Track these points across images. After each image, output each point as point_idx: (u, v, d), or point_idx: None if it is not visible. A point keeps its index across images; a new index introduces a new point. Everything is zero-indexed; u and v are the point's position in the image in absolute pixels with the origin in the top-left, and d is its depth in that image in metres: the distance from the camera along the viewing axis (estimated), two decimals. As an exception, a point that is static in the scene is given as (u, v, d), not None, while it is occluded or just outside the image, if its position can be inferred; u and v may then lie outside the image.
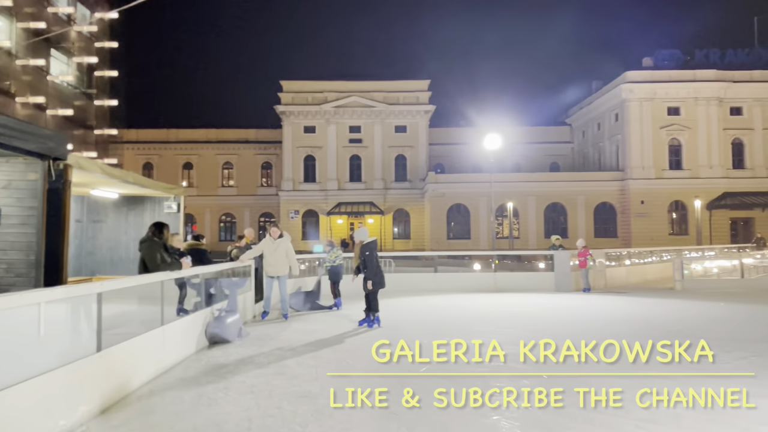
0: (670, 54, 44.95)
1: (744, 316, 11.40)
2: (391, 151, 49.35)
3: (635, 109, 43.86)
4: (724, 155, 43.62)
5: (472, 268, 20.90)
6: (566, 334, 9.02)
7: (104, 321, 5.18)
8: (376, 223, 48.27)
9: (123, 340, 5.69)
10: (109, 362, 5.27)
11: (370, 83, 49.46)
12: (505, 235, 44.55)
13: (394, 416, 4.83)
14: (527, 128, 52.77)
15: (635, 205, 43.41)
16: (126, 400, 5.38)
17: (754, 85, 43.28)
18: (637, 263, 21.72)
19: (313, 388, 5.77)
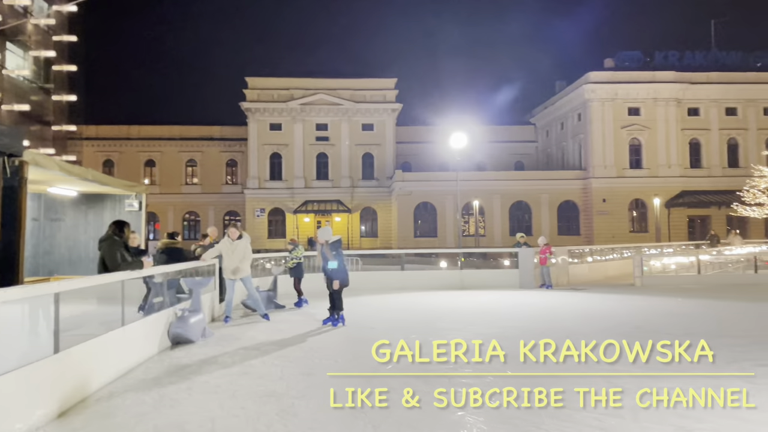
0: (631, 55, 46.08)
1: (700, 311, 11.77)
2: (359, 149, 49.29)
3: (597, 110, 44.81)
4: (682, 155, 44.94)
5: (438, 265, 21.04)
6: (531, 330, 9.18)
7: (62, 322, 5.04)
8: (343, 221, 48.16)
9: (82, 342, 5.55)
10: (67, 364, 5.13)
11: (336, 81, 49.29)
12: (471, 233, 44.99)
13: (361, 414, 4.82)
14: (492, 127, 53.39)
15: (597, 204, 44.37)
16: (85, 403, 5.25)
17: (711, 87, 44.68)
18: (599, 260, 22.21)
19: (278, 388, 5.72)
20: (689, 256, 19.72)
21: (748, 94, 44.82)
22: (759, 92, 44.79)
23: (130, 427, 4.66)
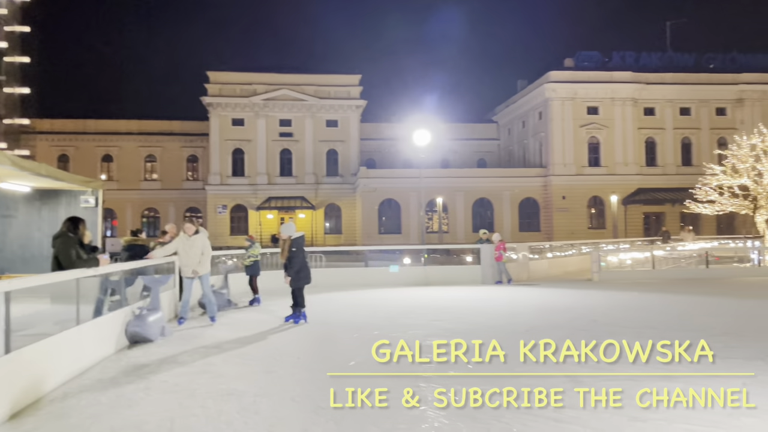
0: (590, 55, 47.10)
1: (655, 305, 12.16)
2: (323, 145, 49.04)
3: (557, 108, 45.68)
4: (639, 153, 46.22)
5: (402, 262, 21.11)
6: (494, 325, 9.32)
7: (14, 322, 4.88)
8: (307, 218, 47.89)
9: (35, 341, 5.39)
10: (18, 364, 4.98)
11: (300, 76, 48.90)
12: (435, 229, 45.33)
13: (322, 411, 4.83)
14: (456, 125, 53.84)
15: (557, 201, 45.27)
16: (38, 404, 5.10)
17: (666, 87, 46.05)
18: (558, 256, 22.67)
19: (239, 386, 5.67)
20: (644, 252, 20.31)
21: (701, 95, 46.36)
22: (711, 93, 46.39)
23: (84, 428, 4.55)
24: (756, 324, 9.56)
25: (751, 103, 46.33)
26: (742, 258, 22.06)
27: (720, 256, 22.24)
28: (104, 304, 7.75)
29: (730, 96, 46.53)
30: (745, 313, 10.92)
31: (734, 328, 8.94)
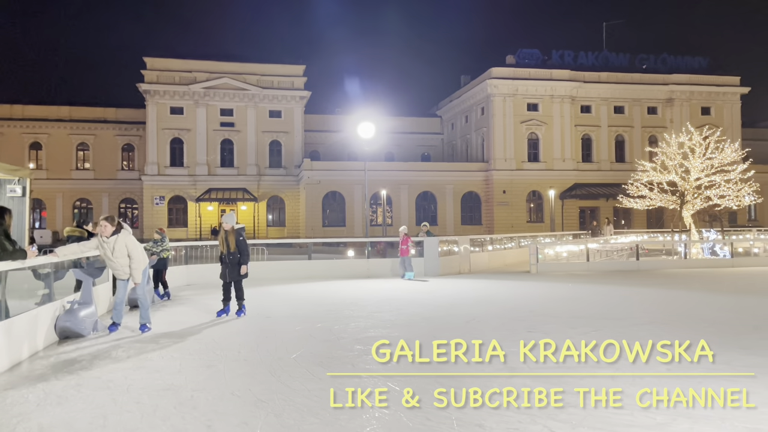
0: (531, 53, 48.27)
1: (588, 296, 12.65)
2: (266, 136, 48.25)
3: (499, 104, 46.65)
4: (575, 149, 47.85)
5: (346, 255, 21.11)
6: (435, 316, 9.46)
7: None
8: (249, 210, 47.08)
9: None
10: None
11: (243, 65, 47.85)
12: (379, 222, 45.49)
13: (262, 404, 4.77)
14: (400, 119, 54.11)
15: (498, 195, 46.32)
16: (-43, 405, 4.81)
17: (601, 86, 47.80)
18: (499, 249, 23.20)
19: (176, 381, 5.53)
20: (579, 245, 21.07)
21: (634, 94, 48.40)
22: (644, 92, 48.50)
23: (11, 427, 4.33)
24: (680, 313, 10.10)
25: (680, 103, 48.74)
26: (669, 251, 23.24)
27: (649, 249, 23.36)
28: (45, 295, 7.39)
29: (660, 96, 48.79)
30: (671, 303, 11.52)
31: (660, 317, 9.42)
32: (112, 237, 7.89)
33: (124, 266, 8.00)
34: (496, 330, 8.19)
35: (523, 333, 7.86)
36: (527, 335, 7.70)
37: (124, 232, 8.01)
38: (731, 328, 8.26)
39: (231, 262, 9.32)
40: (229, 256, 9.34)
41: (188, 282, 14.55)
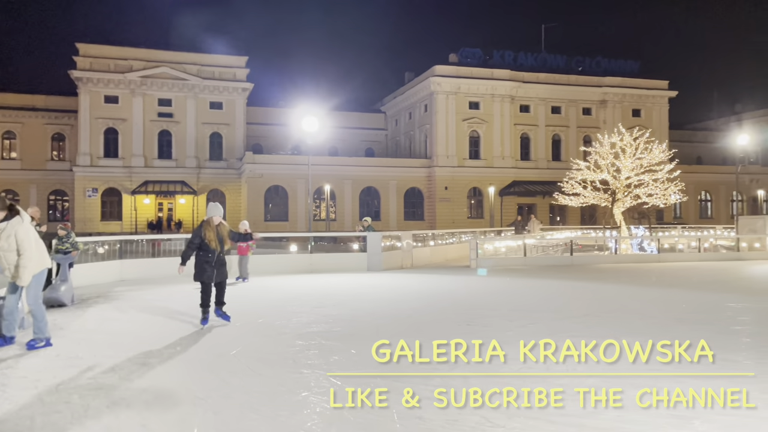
0: (473, 52, 49.14)
1: (524, 290, 13.04)
2: (206, 128, 47.06)
3: (442, 102, 47.27)
4: (514, 148, 49.12)
5: (288, 249, 20.89)
6: (377, 312, 9.52)
7: None
8: (188, 203, 45.85)
9: None
10: None
11: (182, 54, 46.46)
12: (323, 217, 45.29)
13: (200, 402, 4.68)
14: (344, 113, 53.95)
15: (440, 191, 46.99)
16: None
17: (540, 86, 49.21)
18: (440, 244, 23.53)
19: (110, 380, 5.34)
20: (517, 240, 21.64)
21: (570, 95, 50.10)
22: (579, 94, 50.28)
23: (-75, 433, 4.07)
24: (611, 306, 10.56)
25: (612, 105, 50.81)
26: (601, 246, 24.22)
27: (583, 244, 24.24)
28: None
29: (595, 97, 50.69)
30: (602, 296, 12.02)
31: (593, 310, 9.82)
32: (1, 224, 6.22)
33: (11, 263, 6.30)
34: (439, 324, 8.32)
35: (463, 326, 8.03)
36: (467, 328, 7.88)
37: (17, 219, 6.24)
38: (657, 320, 8.70)
39: (219, 262, 8.18)
40: (219, 255, 8.16)
41: (121, 278, 14.06)
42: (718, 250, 23.36)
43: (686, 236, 27.27)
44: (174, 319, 8.66)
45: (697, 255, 22.04)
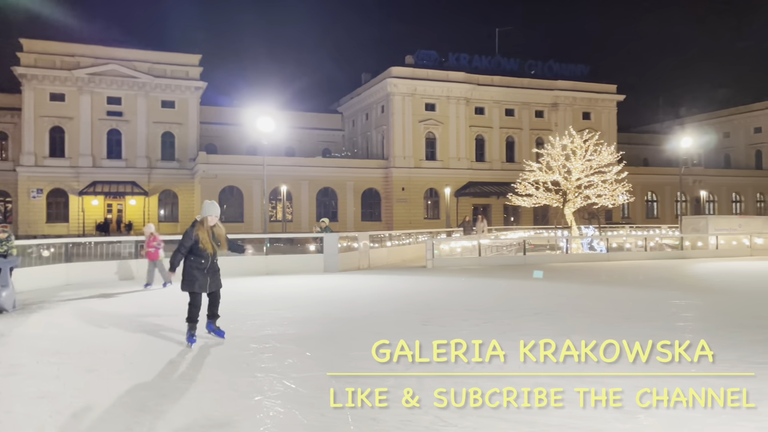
0: (428, 54, 49.57)
1: (479, 289, 13.24)
2: (158, 127, 45.92)
3: (398, 103, 47.52)
4: (470, 149, 49.79)
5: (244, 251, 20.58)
6: (334, 314, 9.48)
7: None
8: (139, 204, 44.65)
9: None
10: None
11: (132, 51, 45.21)
12: (279, 218, 44.83)
13: (148, 409, 4.57)
14: (301, 114, 53.60)
15: (397, 192, 47.21)
16: None
17: (494, 89, 50.04)
18: (397, 245, 23.65)
19: (54, 388, 5.15)
20: (472, 241, 21.94)
21: (524, 98, 51.12)
22: (532, 96, 51.35)
23: None
24: (562, 304, 10.82)
25: (563, 108, 52.10)
26: (553, 246, 24.81)
27: (535, 244, 24.76)
28: None
29: (547, 100, 51.87)
30: (553, 294, 12.30)
31: (544, 308, 10.05)
32: None
33: None
34: (395, 324, 8.36)
35: (418, 326, 8.09)
36: (423, 328, 7.94)
37: None
38: (605, 318, 8.97)
39: (213, 268, 7.16)
40: (214, 259, 7.18)
41: (67, 281, 13.56)
42: (664, 249, 24.26)
43: (633, 236, 28.21)
44: (122, 324, 8.42)
45: (643, 254, 22.82)
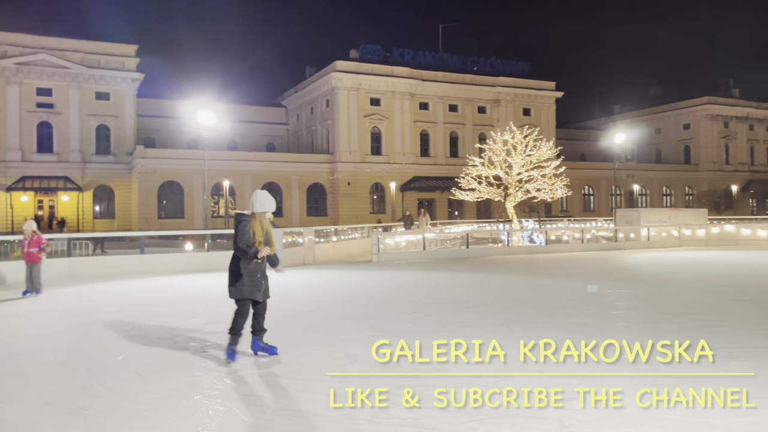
0: (373, 49, 49.65)
1: (423, 282, 13.40)
2: (92, 119, 44.08)
3: (343, 97, 47.36)
4: (414, 144, 50.22)
5: (183, 248, 20.09)
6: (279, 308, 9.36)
7: None
8: (72, 200, 42.78)
9: None
10: None
11: (63, 41, 43.17)
12: (222, 214, 43.94)
13: (80, 412, 4.41)
14: (244, 107, 52.64)
15: (343, 187, 47.11)
16: None
17: (438, 85, 50.61)
18: (343, 239, 23.62)
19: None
20: (417, 235, 22.15)
21: (467, 94, 51.94)
22: (475, 93, 52.24)
23: None
24: (503, 295, 11.11)
25: (505, 104, 53.26)
26: (495, 239, 25.35)
27: (478, 237, 25.27)
28: None
29: (489, 96, 52.88)
30: (495, 286, 12.61)
31: (486, 300, 10.29)
32: None
33: None
34: (340, 318, 8.37)
35: (363, 320, 8.14)
36: (367, 323, 7.99)
37: None
38: (543, 308, 9.26)
39: (264, 272, 6.17)
40: (266, 262, 6.21)
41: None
42: (599, 241, 25.21)
43: (571, 228, 29.17)
44: (56, 326, 8.07)
45: (580, 245, 23.64)
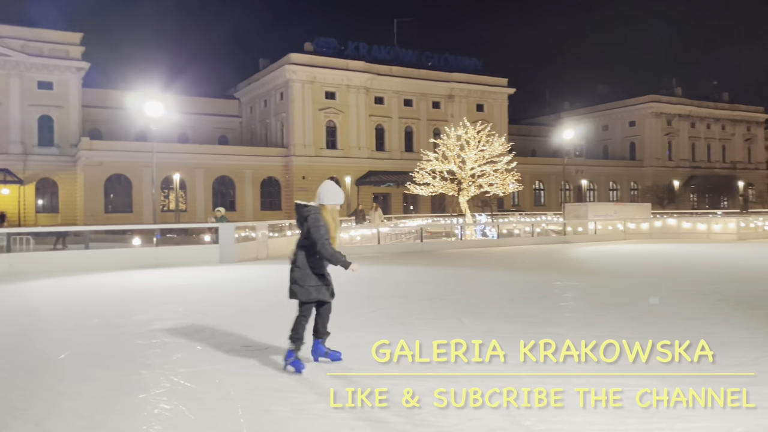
0: (328, 42, 49.31)
1: (376, 276, 13.41)
2: (34, 110, 42.27)
3: (298, 90, 46.91)
4: (370, 138, 50.24)
5: (131, 243, 19.55)
6: (227, 305, 9.25)
7: None
8: (13, 194, 40.95)
9: None
10: None
11: (3, 27, 41.21)
12: (172, 208, 42.92)
13: (18, 412, 4.24)
14: (195, 99, 51.49)
15: (298, 180, 46.72)
16: None
17: (393, 79, 50.72)
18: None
19: None
20: (372, 229, 22.20)
21: (421, 89, 52.26)
22: (429, 88, 52.61)
23: None
24: (455, 288, 11.26)
25: (459, 100, 53.84)
26: (449, 233, 25.67)
27: (432, 231, 25.52)
28: None
29: (443, 92, 53.34)
30: (447, 280, 12.77)
31: (438, 293, 10.41)
32: None
33: None
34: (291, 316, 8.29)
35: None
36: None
37: None
38: (492, 300, 9.45)
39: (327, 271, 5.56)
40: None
41: None
42: (549, 235, 25.84)
43: (522, 222, 29.77)
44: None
45: (531, 239, 24.17)
